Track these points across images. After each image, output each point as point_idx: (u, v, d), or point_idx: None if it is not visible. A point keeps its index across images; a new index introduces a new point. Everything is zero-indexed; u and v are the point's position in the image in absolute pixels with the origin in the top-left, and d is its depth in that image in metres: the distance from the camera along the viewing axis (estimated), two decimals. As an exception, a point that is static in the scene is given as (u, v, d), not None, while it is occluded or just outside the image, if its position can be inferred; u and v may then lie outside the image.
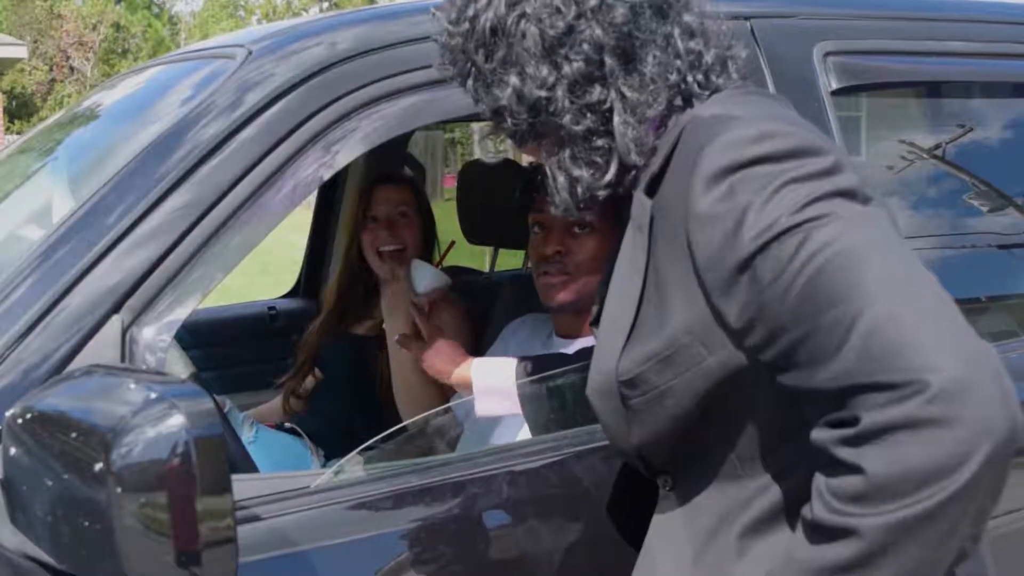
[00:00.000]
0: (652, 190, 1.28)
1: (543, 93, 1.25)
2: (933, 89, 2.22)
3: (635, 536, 1.42)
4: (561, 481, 1.56)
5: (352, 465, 1.56)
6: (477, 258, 3.95)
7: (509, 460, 1.56)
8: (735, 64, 1.34)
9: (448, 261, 3.12)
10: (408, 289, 2.53)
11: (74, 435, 1.17)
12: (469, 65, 1.30)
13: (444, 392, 2.53)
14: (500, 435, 2.07)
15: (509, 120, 1.29)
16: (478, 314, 2.72)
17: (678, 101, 1.30)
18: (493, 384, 1.99)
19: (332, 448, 2.65)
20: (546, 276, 2.16)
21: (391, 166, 3.30)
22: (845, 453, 1.06)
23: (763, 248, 1.12)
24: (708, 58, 1.31)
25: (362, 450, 1.58)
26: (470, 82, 1.31)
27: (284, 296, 3.68)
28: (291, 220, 1.61)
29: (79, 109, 2.33)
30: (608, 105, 1.27)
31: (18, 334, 1.38)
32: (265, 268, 9.61)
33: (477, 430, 2.14)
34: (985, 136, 2.26)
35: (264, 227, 1.54)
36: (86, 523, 1.15)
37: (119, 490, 1.11)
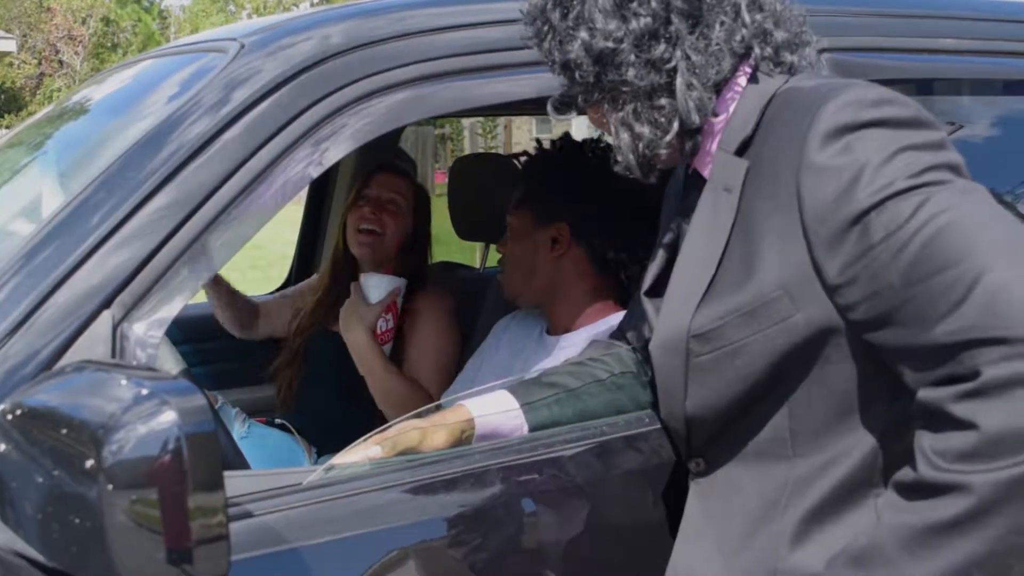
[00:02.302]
0: (742, 152, 1.32)
1: (609, 44, 1.32)
2: (929, 87, 2.22)
3: (635, 529, 1.42)
4: (558, 476, 1.56)
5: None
6: (468, 254, 3.95)
7: (503, 456, 1.56)
8: (807, 50, 1.39)
9: (439, 257, 3.12)
10: (362, 303, 2.57)
11: (64, 431, 1.16)
12: (546, 26, 1.38)
13: (426, 393, 2.53)
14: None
15: (576, 73, 1.36)
16: (468, 310, 2.72)
17: (746, 70, 1.35)
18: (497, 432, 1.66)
19: (323, 444, 2.65)
20: (501, 274, 2.31)
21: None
22: (960, 409, 1.06)
23: (878, 205, 1.15)
24: (778, 36, 1.35)
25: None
26: (546, 42, 1.39)
27: (275, 291, 3.67)
28: (282, 215, 1.60)
29: (71, 103, 2.32)
30: (673, 64, 1.32)
31: (6, 330, 1.37)
32: (255, 263, 9.59)
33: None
34: (983, 134, 2.26)
35: (254, 224, 1.53)
36: (76, 520, 1.14)
37: (110, 487, 1.10)
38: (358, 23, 1.69)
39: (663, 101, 1.33)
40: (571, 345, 2.16)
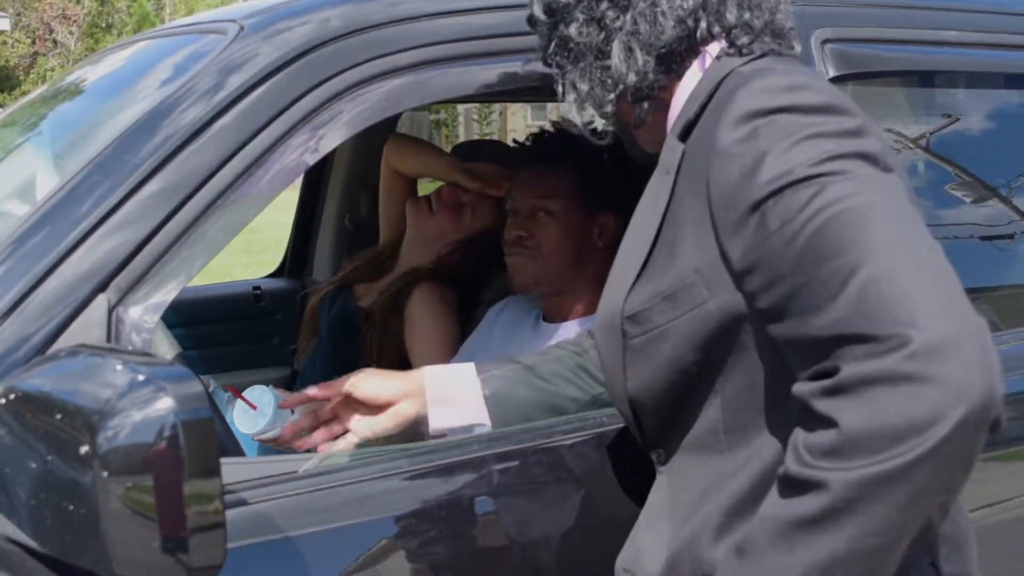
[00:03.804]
0: (685, 136, 1.32)
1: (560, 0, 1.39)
2: (933, 78, 2.21)
3: (630, 520, 1.43)
4: (553, 466, 1.56)
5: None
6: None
7: (499, 445, 1.55)
8: (777, 33, 1.38)
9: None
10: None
11: (59, 417, 1.15)
12: None
13: None
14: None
15: (536, 28, 1.45)
16: (464, 303, 2.70)
17: (706, 52, 1.35)
18: (450, 393, 1.65)
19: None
20: (510, 257, 2.23)
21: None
22: (822, 406, 1.06)
23: (775, 193, 1.14)
24: (731, 16, 1.35)
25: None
26: None
27: (269, 276, 3.66)
28: (277, 199, 1.59)
29: (65, 83, 2.30)
30: (619, 25, 1.35)
31: (1, 312, 1.36)
32: (250, 247, 9.57)
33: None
34: (986, 126, 2.25)
35: (251, 209, 1.52)
36: (70, 507, 1.13)
37: (105, 474, 1.09)
38: (357, 7, 1.68)
39: (610, 62, 1.36)
40: (568, 334, 2.15)
